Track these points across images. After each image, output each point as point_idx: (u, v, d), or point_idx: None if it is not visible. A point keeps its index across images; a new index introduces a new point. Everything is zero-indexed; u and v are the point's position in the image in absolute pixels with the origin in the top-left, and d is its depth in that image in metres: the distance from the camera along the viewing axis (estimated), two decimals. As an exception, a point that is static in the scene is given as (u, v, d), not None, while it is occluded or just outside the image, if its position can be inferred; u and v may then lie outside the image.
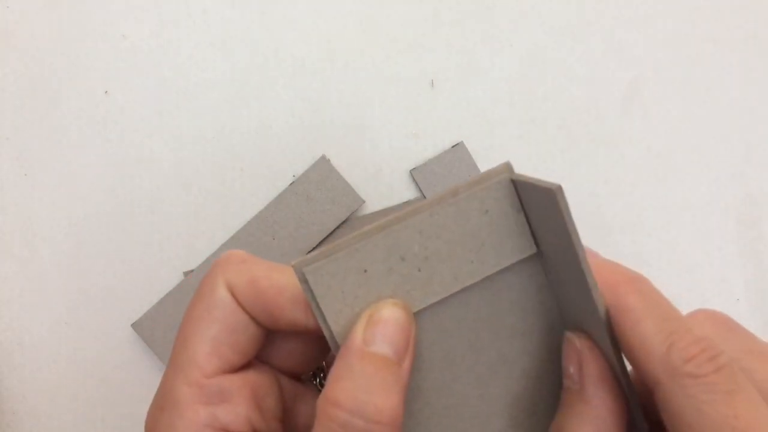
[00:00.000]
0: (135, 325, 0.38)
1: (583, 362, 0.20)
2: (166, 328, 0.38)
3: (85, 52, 0.39)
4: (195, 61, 0.40)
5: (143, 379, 0.39)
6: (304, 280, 0.20)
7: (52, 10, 0.39)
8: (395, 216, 0.20)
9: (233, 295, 0.21)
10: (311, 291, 0.20)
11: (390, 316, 0.20)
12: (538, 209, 0.20)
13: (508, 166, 0.20)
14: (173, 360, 0.21)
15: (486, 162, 0.40)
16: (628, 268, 0.21)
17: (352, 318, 0.20)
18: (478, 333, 0.21)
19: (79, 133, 0.39)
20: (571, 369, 0.20)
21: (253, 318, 0.22)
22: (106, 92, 0.40)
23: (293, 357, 0.24)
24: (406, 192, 0.40)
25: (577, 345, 0.20)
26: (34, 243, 0.39)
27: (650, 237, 0.41)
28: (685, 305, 0.43)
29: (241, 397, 0.21)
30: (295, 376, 0.24)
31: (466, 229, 0.20)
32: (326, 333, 0.21)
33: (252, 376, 0.22)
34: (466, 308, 0.21)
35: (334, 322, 0.20)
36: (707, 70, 0.42)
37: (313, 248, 0.39)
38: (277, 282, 0.21)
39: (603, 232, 0.41)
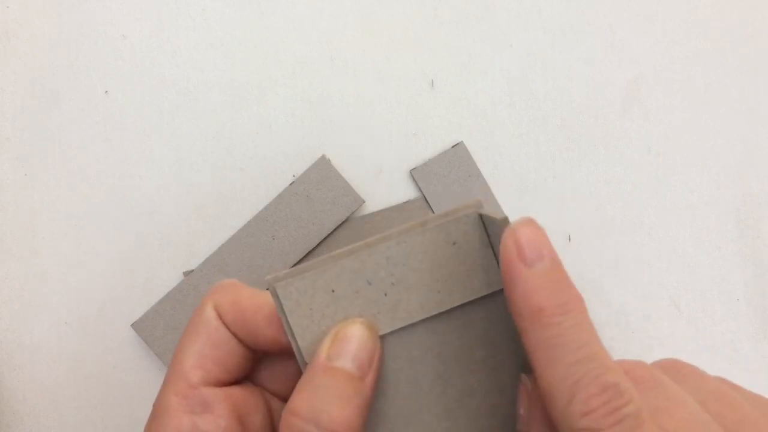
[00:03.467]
0: (135, 325, 0.38)
1: (531, 404, 0.20)
2: (166, 328, 0.38)
3: (85, 52, 0.39)
4: (195, 60, 0.40)
5: (143, 379, 0.39)
6: (275, 295, 0.21)
7: (52, 10, 0.39)
8: (365, 241, 0.21)
9: (219, 314, 0.23)
10: (281, 306, 0.21)
11: (354, 334, 0.20)
12: (498, 243, 0.20)
13: (477, 202, 0.21)
14: (166, 375, 0.23)
15: (486, 162, 0.40)
16: (567, 286, 0.19)
17: (319, 335, 0.21)
18: (447, 364, 0.22)
19: (79, 133, 0.39)
20: (521, 411, 0.20)
21: (236, 336, 0.23)
22: (106, 92, 0.40)
23: (283, 381, 0.25)
24: (406, 192, 0.40)
25: (528, 386, 0.20)
26: (34, 243, 0.39)
27: (650, 237, 0.41)
28: (685, 305, 0.44)
29: (223, 410, 0.22)
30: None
31: (433, 259, 0.21)
32: (294, 348, 0.21)
33: (237, 392, 0.23)
34: (434, 337, 0.21)
35: (301, 338, 0.21)
36: (707, 70, 0.42)
37: (314, 248, 0.39)
38: (256, 302, 0.23)
39: (603, 232, 0.41)
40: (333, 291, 0.21)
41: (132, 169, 0.39)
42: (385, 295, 0.21)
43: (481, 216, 0.21)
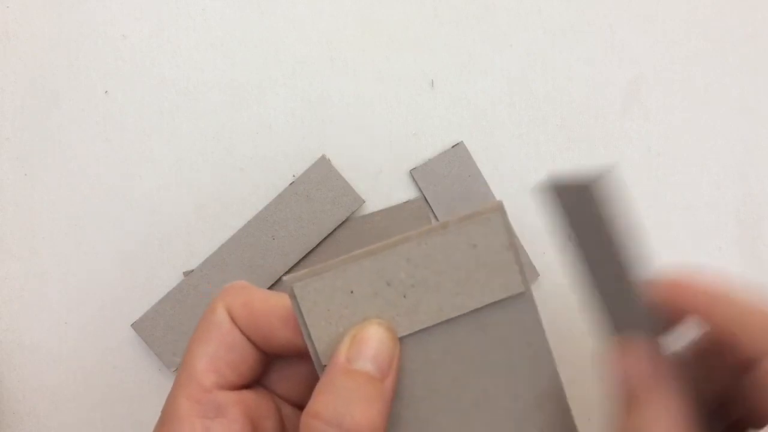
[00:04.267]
0: (135, 325, 0.38)
1: (641, 363, 0.20)
2: (166, 328, 0.38)
3: (85, 52, 0.39)
4: (195, 60, 0.40)
5: (143, 379, 0.39)
6: (292, 295, 0.21)
7: (52, 10, 0.39)
8: (385, 242, 0.21)
9: (231, 316, 0.22)
10: (299, 306, 0.21)
11: (374, 335, 0.20)
12: (575, 208, 0.20)
13: (499, 204, 0.21)
14: (176, 379, 0.22)
15: (486, 162, 0.40)
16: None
17: (336, 336, 0.21)
18: (463, 367, 0.21)
19: (79, 133, 0.39)
20: (627, 371, 0.21)
21: (249, 338, 0.23)
22: (106, 92, 0.40)
23: (294, 385, 0.24)
24: (406, 192, 0.40)
25: (628, 348, 0.21)
26: (34, 243, 0.39)
27: (650, 237, 0.41)
28: (685, 305, 0.43)
29: (237, 414, 0.22)
30: (299, 406, 0.25)
31: (453, 262, 0.21)
32: (310, 349, 0.21)
33: (249, 396, 0.23)
34: (452, 340, 0.21)
35: (318, 339, 0.21)
36: (707, 70, 0.42)
37: (314, 248, 0.39)
38: (269, 303, 0.22)
39: (603, 232, 0.41)
40: (352, 292, 0.21)
41: (132, 169, 0.39)
42: (404, 297, 0.21)
43: (503, 219, 0.21)
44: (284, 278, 0.21)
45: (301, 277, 0.21)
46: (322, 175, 0.39)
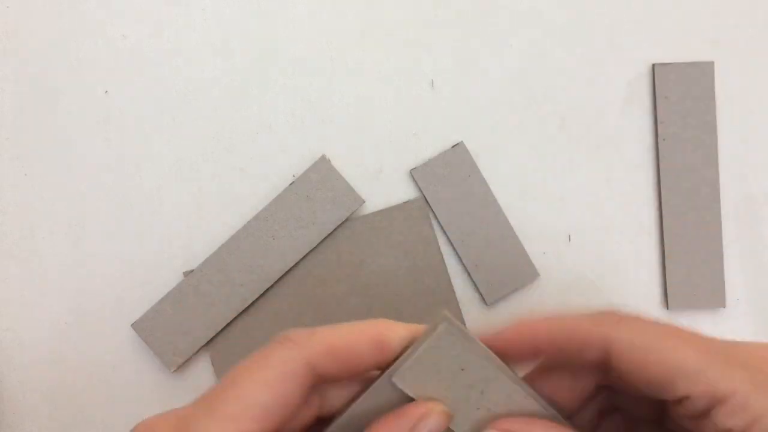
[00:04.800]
0: (135, 325, 0.38)
1: None
2: (166, 328, 0.38)
3: (85, 52, 0.40)
4: (195, 60, 0.40)
5: (143, 379, 0.39)
6: (438, 323, 0.23)
7: (52, 10, 0.39)
8: (514, 372, 0.24)
9: (310, 369, 0.23)
10: (430, 337, 0.23)
11: (438, 425, 0.23)
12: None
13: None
14: (213, 399, 0.22)
15: (486, 162, 0.40)
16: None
17: (420, 382, 0.23)
18: None
19: (79, 133, 0.39)
20: None
21: (328, 374, 0.23)
22: (106, 92, 0.40)
23: None
24: (406, 192, 0.40)
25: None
26: (34, 243, 0.39)
27: (650, 237, 0.41)
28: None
29: None
30: None
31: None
32: (395, 367, 0.23)
33: None
34: None
35: (412, 367, 0.23)
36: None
37: (314, 248, 0.39)
38: (347, 332, 0.23)
39: (603, 232, 0.41)
40: (462, 369, 0.23)
41: (132, 169, 0.39)
42: (478, 409, 0.23)
43: None
44: (443, 311, 0.23)
45: (455, 325, 0.23)
46: (322, 175, 0.39)
